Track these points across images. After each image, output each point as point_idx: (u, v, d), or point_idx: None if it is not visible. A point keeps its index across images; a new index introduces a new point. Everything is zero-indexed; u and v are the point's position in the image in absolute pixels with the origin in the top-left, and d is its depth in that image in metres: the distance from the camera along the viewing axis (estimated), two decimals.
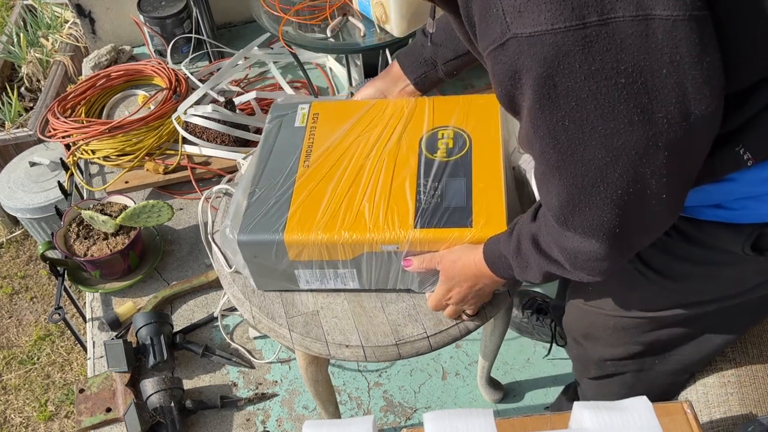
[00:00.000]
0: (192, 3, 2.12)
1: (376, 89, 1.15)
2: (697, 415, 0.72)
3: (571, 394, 1.36)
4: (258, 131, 1.88)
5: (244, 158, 1.23)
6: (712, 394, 1.07)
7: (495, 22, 0.61)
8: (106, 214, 1.62)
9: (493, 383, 1.50)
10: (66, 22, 2.69)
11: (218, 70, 2.03)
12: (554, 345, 1.52)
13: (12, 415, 1.98)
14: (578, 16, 0.56)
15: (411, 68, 1.12)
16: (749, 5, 0.62)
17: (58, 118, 1.84)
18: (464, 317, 0.98)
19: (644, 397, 0.66)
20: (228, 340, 1.57)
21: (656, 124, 0.59)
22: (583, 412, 0.65)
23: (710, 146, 0.65)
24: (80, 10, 2.21)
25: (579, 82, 0.58)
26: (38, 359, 2.11)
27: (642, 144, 0.60)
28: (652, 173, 0.62)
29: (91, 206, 1.64)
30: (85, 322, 1.63)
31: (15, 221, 2.45)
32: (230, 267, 1.06)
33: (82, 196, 1.86)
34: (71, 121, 1.85)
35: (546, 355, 1.56)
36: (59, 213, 1.68)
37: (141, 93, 2.03)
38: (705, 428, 1.03)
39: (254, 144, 1.84)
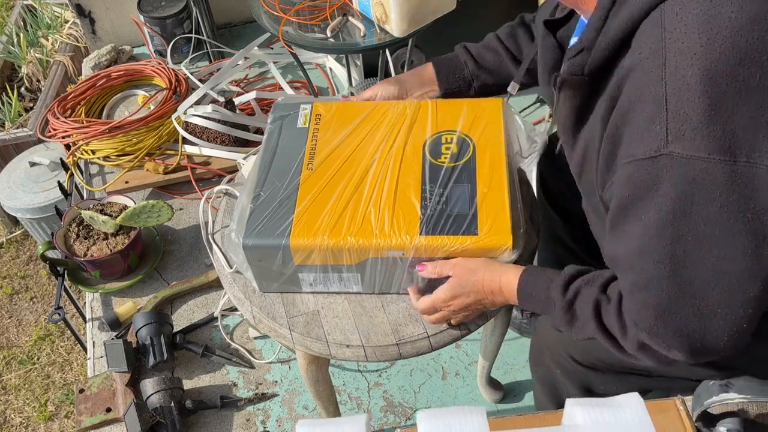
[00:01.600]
0: (192, 3, 2.12)
1: (399, 86, 1.12)
2: (689, 410, 0.73)
3: None
4: (258, 131, 1.88)
5: (244, 158, 1.23)
6: None
7: (652, 138, 0.69)
8: (106, 214, 1.62)
9: (493, 383, 1.50)
10: (66, 22, 2.69)
11: (218, 70, 2.03)
12: None
13: (12, 415, 1.98)
14: (732, 153, 0.66)
15: (446, 79, 1.12)
16: None
17: (58, 118, 1.84)
18: (444, 326, 0.98)
19: (636, 394, 0.66)
20: (228, 340, 1.57)
21: (762, 260, 0.68)
22: (575, 409, 0.64)
23: None
24: (80, 10, 2.21)
25: (714, 207, 0.67)
26: (38, 359, 2.11)
27: (745, 274, 0.69)
28: (744, 302, 0.70)
29: (91, 206, 1.64)
30: (85, 322, 1.63)
31: (15, 221, 2.45)
32: (231, 267, 1.06)
33: (82, 196, 1.86)
34: (71, 121, 1.85)
35: None
36: (59, 213, 1.68)
37: (141, 93, 2.03)
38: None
39: (254, 144, 1.84)
